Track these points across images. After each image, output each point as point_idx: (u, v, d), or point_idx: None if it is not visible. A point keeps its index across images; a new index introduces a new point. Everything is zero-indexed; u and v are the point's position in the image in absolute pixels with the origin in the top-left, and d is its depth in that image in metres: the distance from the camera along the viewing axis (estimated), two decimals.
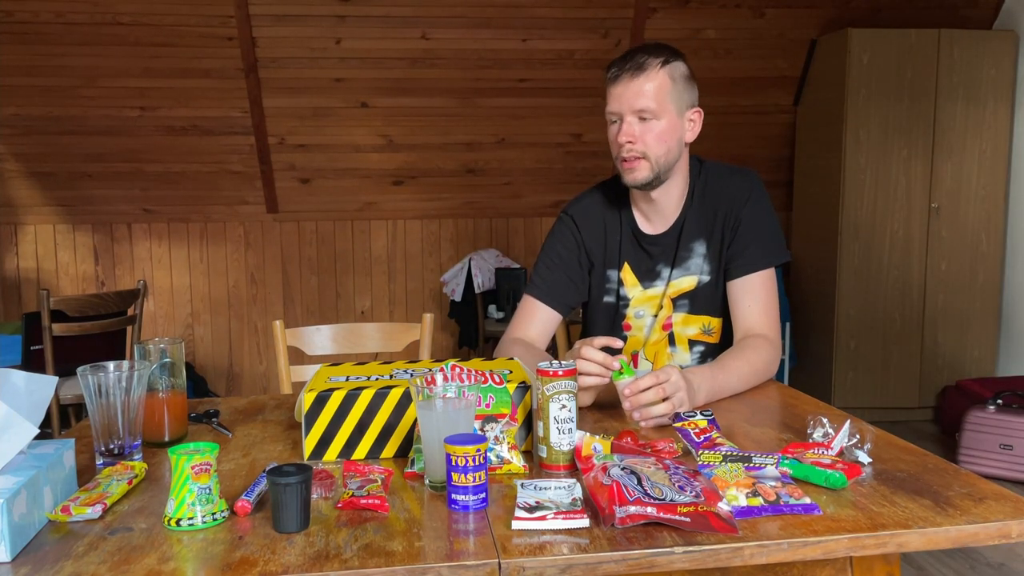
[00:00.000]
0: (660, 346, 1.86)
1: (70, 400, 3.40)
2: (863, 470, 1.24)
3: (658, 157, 1.71)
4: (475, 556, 1.01)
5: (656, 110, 1.69)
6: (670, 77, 1.71)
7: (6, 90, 4.31)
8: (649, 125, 1.70)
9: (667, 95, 1.70)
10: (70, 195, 4.75)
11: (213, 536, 1.07)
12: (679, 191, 1.81)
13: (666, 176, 1.76)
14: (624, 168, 1.73)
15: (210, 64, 4.36)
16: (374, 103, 4.63)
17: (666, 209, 1.82)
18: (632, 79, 1.69)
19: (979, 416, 3.68)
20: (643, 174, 1.72)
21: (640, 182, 1.73)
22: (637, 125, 1.70)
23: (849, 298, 4.52)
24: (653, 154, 1.71)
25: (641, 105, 1.69)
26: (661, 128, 1.70)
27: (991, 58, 4.38)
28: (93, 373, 1.29)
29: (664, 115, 1.70)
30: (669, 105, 1.71)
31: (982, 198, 4.48)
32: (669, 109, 1.71)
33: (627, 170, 1.73)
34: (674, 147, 1.74)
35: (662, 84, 1.70)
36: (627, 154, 1.71)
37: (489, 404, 1.33)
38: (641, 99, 1.68)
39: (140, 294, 3.58)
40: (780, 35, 4.66)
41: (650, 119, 1.70)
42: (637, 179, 1.73)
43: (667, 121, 1.71)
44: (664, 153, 1.72)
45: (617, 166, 1.76)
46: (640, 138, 1.70)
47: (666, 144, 1.72)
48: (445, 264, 5.14)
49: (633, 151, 1.70)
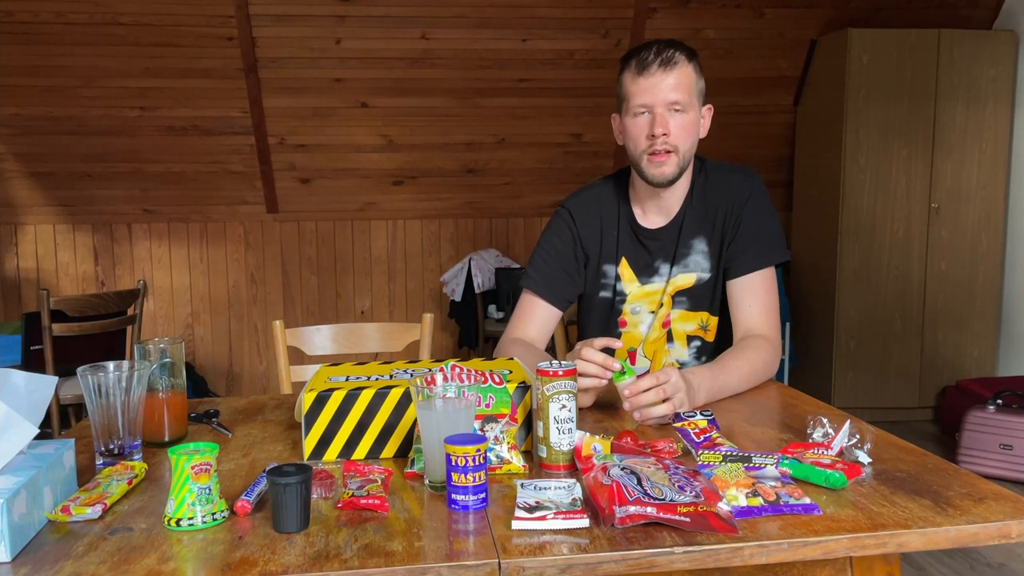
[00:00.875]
0: (659, 343, 1.86)
1: (70, 400, 3.40)
2: (863, 470, 1.24)
3: (685, 151, 1.74)
4: (475, 556, 1.01)
5: (687, 103, 1.71)
6: (696, 71, 1.74)
7: (6, 90, 4.31)
8: (679, 118, 1.71)
9: (694, 89, 1.73)
10: (70, 195, 4.76)
11: (213, 536, 1.07)
12: (683, 187, 1.82)
13: (684, 172, 1.77)
14: (652, 162, 1.72)
15: (210, 64, 4.36)
16: (374, 103, 4.63)
17: (669, 205, 1.83)
18: (665, 72, 1.69)
19: (979, 416, 3.68)
20: (671, 168, 1.73)
21: (669, 177, 1.74)
22: (670, 117, 1.71)
23: (849, 298, 4.52)
24: (682, 148, 1.72)
25: (675, 97, 1.70)
26: (689, 121, 1.72)
27: (991, 58, 4.38)
28: (93, 373, 1.29)
29: (691, 109, 1.72)
30: (695, 99, 1.73)
31: (982, 198, 4.48)
32: (695, 103, 1.73)
33: (655, 164, 1.72)
34: (695, 142, 1.76)
35: (691, 77, 1.72)
36: (660, 147, 1.70)
37: (489, 404, 1.33)
38: (675, 92, 1.70)
39: (140, 294, 3.58)
40: (780, 35, 4.66)
41: (681, 112, 1.71)
42: (666, 174, 1.73)
43: (693, 115, 1.73)
44: (690, 147, 1.75)
45: (638, 160, 1.75)
46: (673, 131, 1.71)
47: (692, 138, 1.74)
48: (445, 264, 5.14)
49: (667, 144, 1.70)
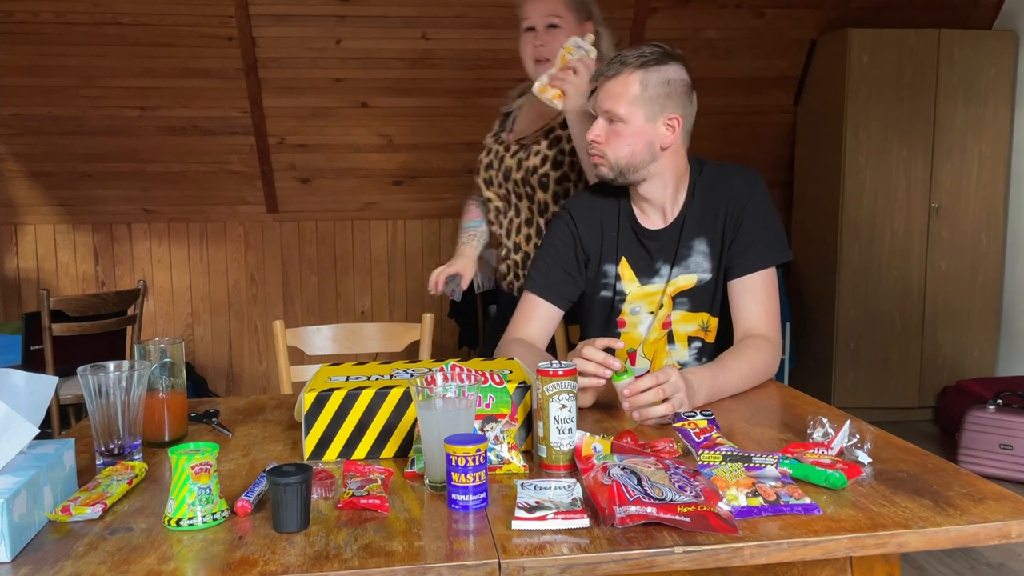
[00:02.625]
0: (659, 344, 1.87)
1: (70, 400, 3.40)
2: (863, 470, 1.24)
3: (616, 160, 1.77)
4: (475, 556, 1.01)
5: (623, 114, 1.73)
6: (640, 81, 1.72)
7: (6, 90, 4.31)
8: (613, 127, 1.75)
9: (637, 98, 1.73)
10: (70, 195, 4.75)
11: (213, 536, 1.07)
12: (672, 190, 1.82)
13: (633, 178, 1.79)
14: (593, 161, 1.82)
15: (210, 64, 4.36)
16: (374, 103, 4.63)
17: (664, 206, 1.83)
18: (606, 80, 1.75)
19: (979, 416, 3.68)
20: (604, 171, 1.80)
21: (602, 178, 1.82)
22: (605, 126, 1.76)
23: (849, 298, 4.52)
24: (611, 157, 1.77)
25: (607, 107, 1.74)
26: (622, 131, 1.74)
27: (991, 58, 4.38)
28: (93, 373, 1.29)
29: (632, 119, 1.73)
30: (637, 109, 1.73)
31: (982, 198, 4.48)
32: (636, 113, 1.73)
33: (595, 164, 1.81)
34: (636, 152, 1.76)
35: (628, 87, 1.73)
36: (592, 149, 1.80)
37: (489, 404, 1.33)
38: (608, 100, 1.74)
39: (140, 294, 3.58)
40: (780, 35, 4.66)
41: (615, 122, 1.74)
42: (600, 174, 1.82)
43: (634, 126, 1.74)
44: (625, 156, 1.76)
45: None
46: (604, 139, 1.76)
47: (626, 148, 1.75)
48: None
49: (596, 149, 1.78)
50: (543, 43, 2.19)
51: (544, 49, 2.19)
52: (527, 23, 2.23)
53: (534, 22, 2.21)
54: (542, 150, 2.22)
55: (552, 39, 2.18)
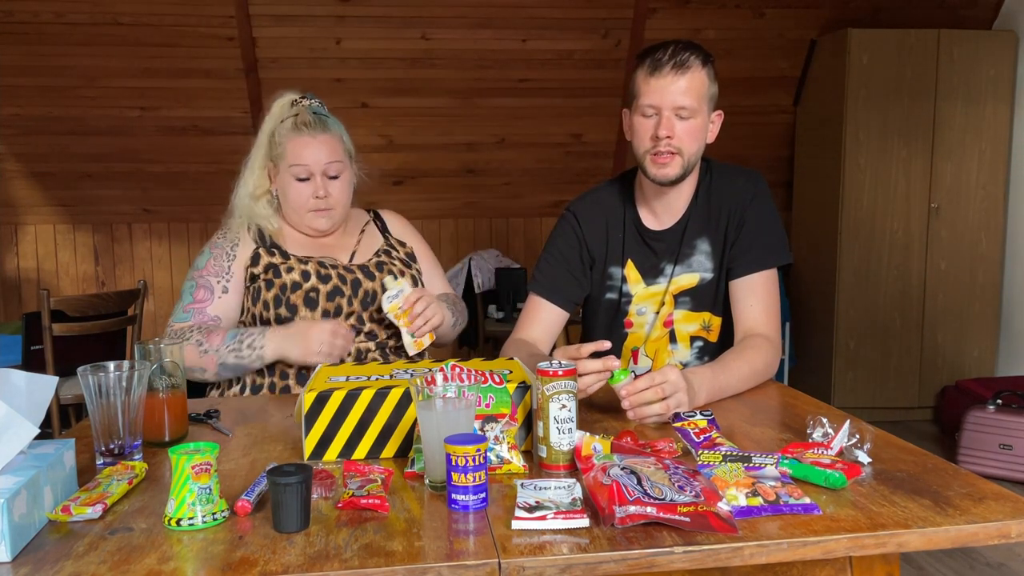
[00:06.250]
0: (661, 343, 1.87)
1: (70, 400, 3.39)
2: (863, 470, 1.24)
3: (690, 155, 1.74)
4: (475, 556, 1.01)
5: (695, 108, 1.71)
6: (709, 77, 1.74)
7: (6, 90, 4.31)
8: (686, 123, 1.72)
9: (705, 94, 1.73)
10: (70, 195, 4.75)
11: (213, 536, 1.07)
12: (689, 189, 1.83)
13: (690, 174, 1.78)
14: (655, 162, 1.74)
15: (210, 64, 4.36)
16: (374, 103, 4.63)
17: (674, 206, 1.83)
18: (677, 75, 1.70)
19: (979, 416, 3.69)
20: (674, 170, 1.74)
21: (671, 177, 1.75)
22: (677, 122, 1.71)
23: (849, 298, 4.53)
24: (687, 151, 1.73)
25: (684, 102, 1.70)
26: (696, 127, 1.73)
27: (991, 58, 4.38)
28: (93, 373, 1.29)
29: (699, 114, 1.73)
30: (704, 105, 1.73)
31: (982, 198, 4.49)
32: (704, 109, 1.74)
33: (659, 164, 1.73)
34: (702, 146, 1.77)
35: (702, 83, 1.72)
36: (663, 148, 1.71)
37: (489, 404, 1.33)
38: (684, 96, 1.70)
39: (140, 294, 3.58)
40: (780, 35, 4.66)
41: (688, 117, 1.71)
42: (669, 174, 1.74)
43: (701, 120, 1.74)
44: (696, 151, 1.75)
45: (642, 159, 1.77)
46: (678, 135, 1.71)
47: (698, 143, 1.75)
48: (445, 264, 5.13)
49: (670, 146, 1.72)
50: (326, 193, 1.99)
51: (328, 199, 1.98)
52: (304, 171, 1.99)
53: (312, 169, 2.00)
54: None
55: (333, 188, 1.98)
